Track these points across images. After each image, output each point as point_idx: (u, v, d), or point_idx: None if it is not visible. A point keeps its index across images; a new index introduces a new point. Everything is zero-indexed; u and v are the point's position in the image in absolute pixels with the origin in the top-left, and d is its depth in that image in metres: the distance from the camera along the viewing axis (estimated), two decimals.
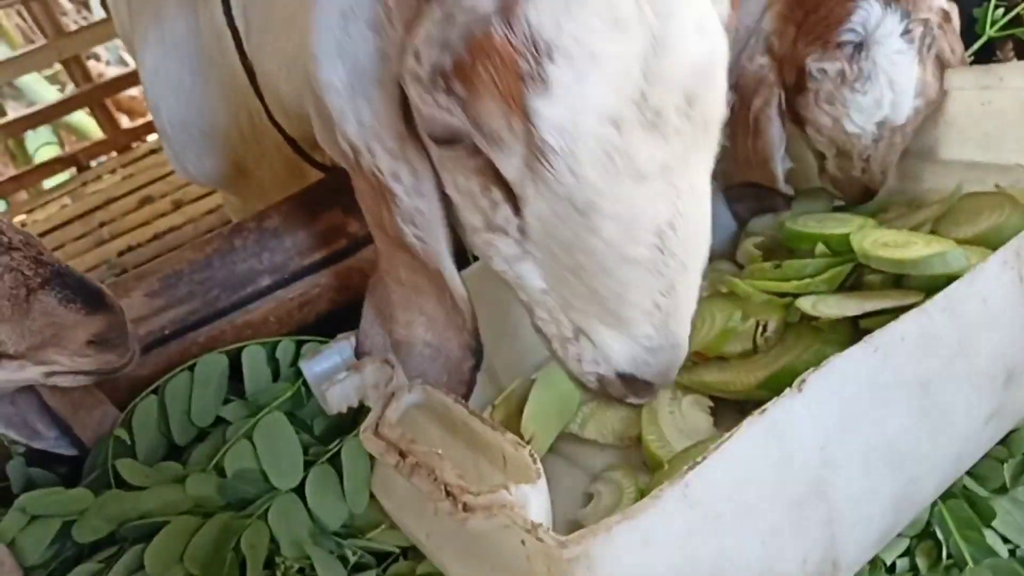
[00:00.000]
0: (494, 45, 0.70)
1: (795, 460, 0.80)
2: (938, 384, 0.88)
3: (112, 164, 3.79)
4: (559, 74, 0.69)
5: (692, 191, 0.79)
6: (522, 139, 0.74)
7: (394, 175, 0.87)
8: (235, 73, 1.37)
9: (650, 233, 0.77)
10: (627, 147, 0.73)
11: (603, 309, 0.83)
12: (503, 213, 0.83)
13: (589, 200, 0.75)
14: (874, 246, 1.22)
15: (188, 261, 1.24)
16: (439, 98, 0.75)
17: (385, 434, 0.95)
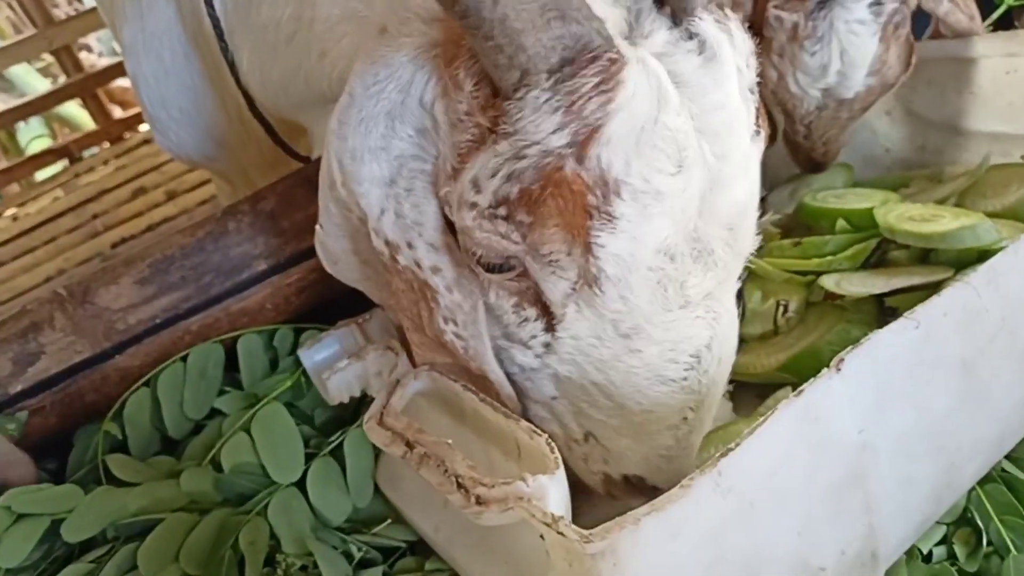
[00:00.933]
0: (565, 179, 0.72)
1: (832, 444, 0.74)
2: (980, 363, 0.83)
3: (105, 155, 3.73)
4: (625, 209, 0.72)
5: (728, 315, 0.83)
6: (577, 266, 0.76)
7: (435, 269, 0.85)
8: (216, 62, 1.32)
9: (688, 355, 0.81)
10: (678, 275, 0.77)
11: (626, 422, 0.84)
12: (530, 330, 0.84)
13: (636, 325, 0.78)
14: (899, 220, 1.16)
15: (179, 246, 1.18)
16: (499, 225, 0.76)
17: (390, 423, 0.90)
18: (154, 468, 1.12)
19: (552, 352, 0.84)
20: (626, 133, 0.71)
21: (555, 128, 0.70)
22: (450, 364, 0.92)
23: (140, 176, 3.48)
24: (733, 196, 0.78)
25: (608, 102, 0.70)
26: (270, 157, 1.47)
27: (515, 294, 0.83)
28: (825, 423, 0.73)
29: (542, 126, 0.71)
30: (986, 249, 1.08)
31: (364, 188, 0.84)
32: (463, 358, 0.88)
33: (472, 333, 0.86)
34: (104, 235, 3.19)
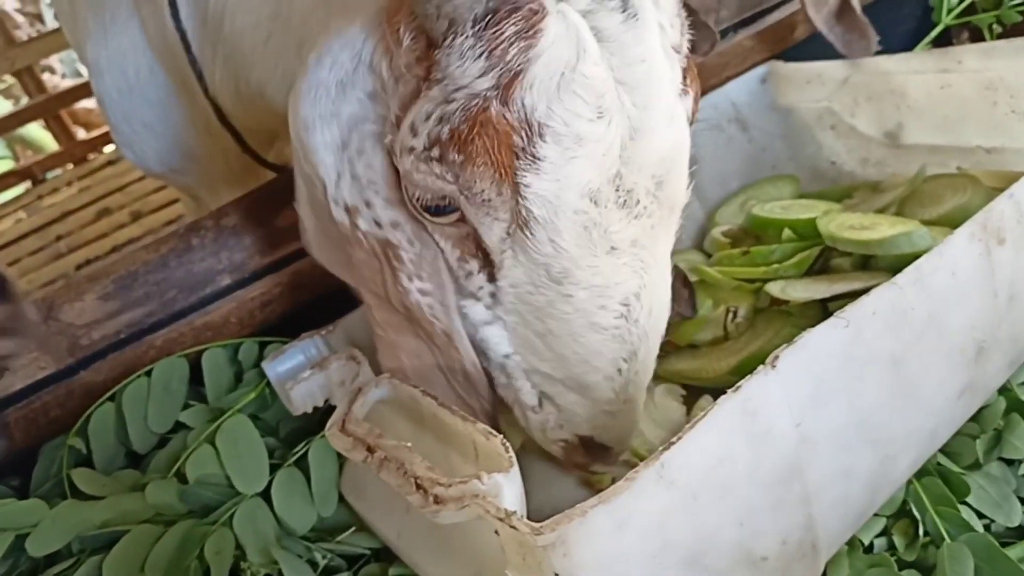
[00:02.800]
0: (490, 119, 0.76)
1: (771, 438, 0.78)
2: (910, 359, 0.87)
3: (68, 176, 3.73)
4: (548, 151, 0.77)
5: (657, 266, 0.87)
6: (508, 207, 0.81)
7: (394, 223, 0.89)
8: (183, 73, 1.34)
9: (617, 302, 0.85)
10: (603, 221, 0.81)
11: (568, 374, 0.90)
12: (477, 281, 0.88)
13: (565, 269, 0.83)
14: (840, 229, 1.21)
15: (143, 261, 1.20)
16: (434, 166, 0.80)
17: (352, 430, 0.92)
18: (119, 481, 1.13)
19: (498, 303, 0.89)
20: (547, 78, 0.75)
21: (480, 73, 0.75)
22: (414, 344, 0.95)
23: (104, 197, 3.48)
24: (655, 146, 0.81)
25: (529, 48, 0.74)
26: (238, 168, 1.49)
27: (458, 244, 0.87)
28: (763, 417, 0.77)
29: (468, 71, 0.76)
30: (921, 254, 1.13)
31: (320, 156, 0.87)
32: (428, 319, 0.91)
33: (436, 284, 0.90)
34: (68, 256, 3.18)
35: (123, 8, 1.38)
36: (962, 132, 1.38)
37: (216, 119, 1.32)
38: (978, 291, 0.91)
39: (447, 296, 0.91)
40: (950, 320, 0.89)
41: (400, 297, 0.91)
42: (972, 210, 1.20)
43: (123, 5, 1.37)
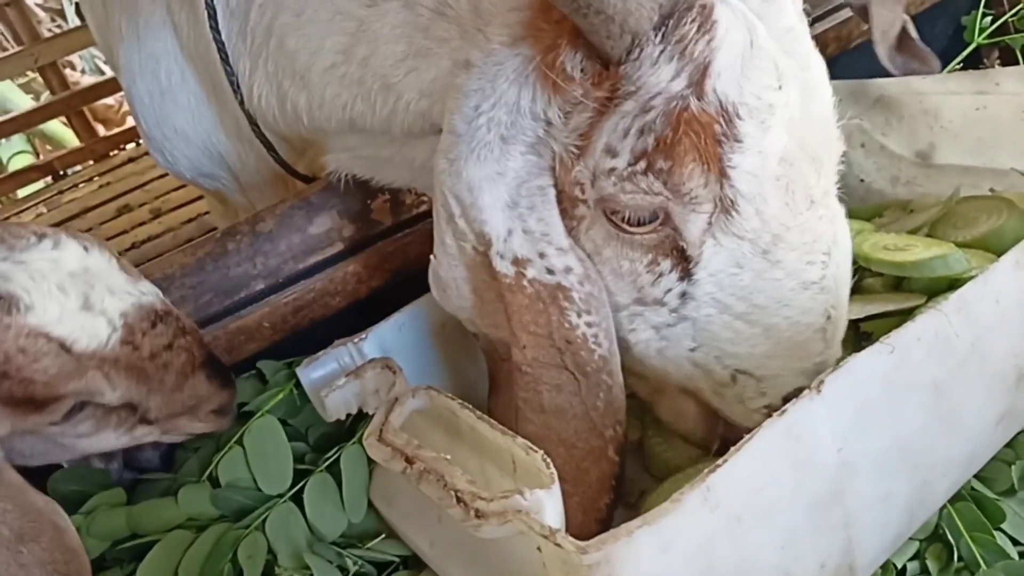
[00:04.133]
0: (693, 116, 0.81)
1: (814, 462, 0.79)
2: (952, 385, 0.87)
3: (89, 172, 3.73)
4: (747, 128, 0.82)
5: (839, 213, 0.92)
6: (713, 195, 0.84)
7: (567, 269, 0.92)
8: (216, 81, 1.35)
9: (821, 253, 0.88)
10: (801, 178, 0.85)
11: (774, 341, 0.90)
12: (666, 284, 0.91)
13: (775, 235, 0.85)
14: (874, 249, 1.21)
15: (180, 265, 1.21)
16: (641, 181, 0.84)
17: (390, 440, 0.93)
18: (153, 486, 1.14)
19: (689, 300, 0.90)
20: (732, 62, 0.81)
21: (673, 75, 0.81)
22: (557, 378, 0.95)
23: (125, 194, 3.48)
24: (820, 102, 0.87)
25: (711, 40, 0.80)
26: (268, 176, 1.50)
27: (651, 250, 0.90)
28: (807, 442, 0.78)
29: (662, 76, 0.81)
30: (956, 277, 1.14)
31: (486, 215, 0.91)
32: (589, 349, 0.93)
33: (603, 315, 0.93)
34: None
35: (157, 14, 1.39)
36: (997, 154, 1.38)
37: (250, 128, 1.33)
38: (1020, 318, 0.91)
39: (610, 323, 0.93)
40: (992, 347, 0.89)
41: (565, 333, 0.92)
42: (1007, 233, 1.21)
43: (157, 11, 1.38)
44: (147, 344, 0.98)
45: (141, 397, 1.00)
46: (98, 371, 0.94)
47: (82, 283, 0.94)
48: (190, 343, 1.03)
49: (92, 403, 0.98)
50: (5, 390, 0.89)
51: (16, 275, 0.91)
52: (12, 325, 0.89)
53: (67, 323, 0.92)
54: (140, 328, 0.98)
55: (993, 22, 1.72)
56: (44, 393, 0.92)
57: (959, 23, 1.76)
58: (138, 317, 0.98)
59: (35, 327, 0.90)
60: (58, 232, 0.97)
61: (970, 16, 1.74)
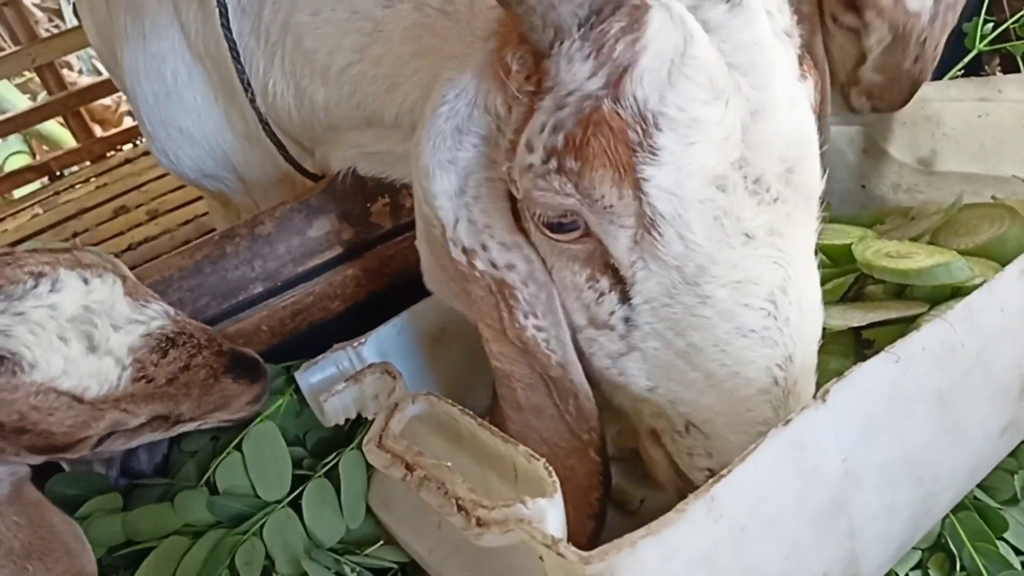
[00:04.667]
0: (604, 118, 0.76)
1: (818, 472, 0.78)
2: (956, 395, 0.87)
3: (85, 173, 3.72)
4: (665, 140, 0.76)
5: (801, 259, 0.82)
6: (632, 211, 0.79)
7: (509, 265, 0.89)
8: (226, 80, 1.34)
9: (762, 298, 0.80)
10: (733, 208, 0.78)
11: (718, 394, 0.84)
12: (608, 305, 0.86)
13: (700, 267, 0.79)
14: (876, 256, 1.21)
15: (177, 268, 1.20)
16: (552, 180, 0.80)
17: (390, 446, 0.92)
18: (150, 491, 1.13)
19: (634, 327, 0.85)
20: (657, 68, 0.75)
21: (590, 74, 0.76)
22: (528, 376, 0.94)
23: (121, 195, 3.47)
24: (779, 128, 0.79)
25: (635, 42, 0.75)
26: (274, 176, 1.50)
27: (586, 264, 0.86)
28: (811, 451, 0.77)
29: (578, 74, 0.77)
30: (959, 285, 1.13)
31: (439, 201, 0.90)
32: (544, 353, 0.90)
33: (552, 322, 0.89)
34: None
35: (164, 14, 1.38)
36: (998, 161, 1.38)
37: (258, 127, 1.32)
38: None
39: (562, 332, 0.90)
40: (997, 357, 0.89)
41: (517, 332, 0.91)
42: (1009, 241, 1.20)
43: (164, 11, 1.38)
44: (161, 373, 0.97)
45: (168, 411, 0.99)
46: (115, 410, 0.94)
47: (84, 325, 0.93)
48: (208, 358, 1.01)
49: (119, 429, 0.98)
50: (27, 441, 0.90)
51: (16, 330, 0.89)
52: (20, 385, 0.88)
53: (74, 374, 0.91)
54: (151, 360, 0.97)
55: (994, 28, 1.72)
56: (66, 440, 0.92)
57: (960, 29, 1.76)
58: (147, 349, 0.97)
59: (43, 384, 0.89)
60: (56, 266, 0.94)
61: (971, 22, 1.74)
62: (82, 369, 0.92)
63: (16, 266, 0.94)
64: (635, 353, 0.87)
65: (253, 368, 1.08)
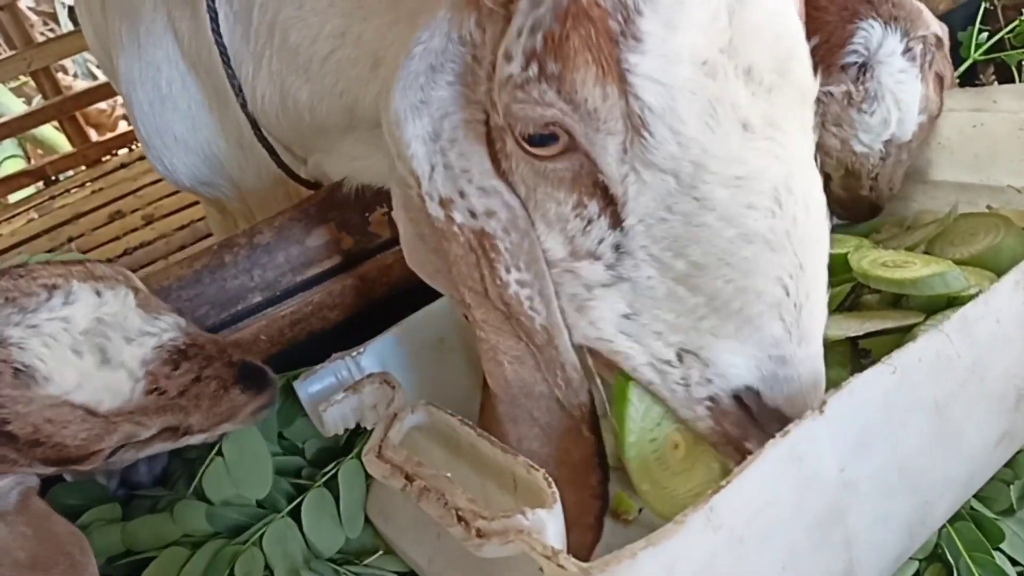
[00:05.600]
0: (583, 9, 0.71)
1: (815, 482, 0.78)
2: (952, 405, 0.87)
3: (81, 178, 3.72)
4: (649, 25, 0.71)
5: (801, 154, 0.76)
6: (620, 112, 0.73)
7: (489, 212, 0.85)
8: (219, 87, 1.34)
9: (766, 196, 0.74)
10: (726, 95, 0.72)
11: (722, 314, 0.78)
12: (597, 232, 0.81)
13: (696, 164, 0.73)
14: (873, 266, 1.21)
15: (177, 277, 1.20)
16: (533, 89, 0.74)
17: (389, 456, 0.92)
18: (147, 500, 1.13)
19: (625, 255, 0.80)
20: None
21: None
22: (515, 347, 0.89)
23: (117, 200, 3.48)
24: (766, 18, 0.74)
25: None
26: (268, 182, 1.49)
27: (572, 189, 0.80)
28: (809, 462, 0.77)
29: None
30: (955, 295, 1.14)
31: (412, 149, 0.85)
32: (527, 315, 0.86)
33: (535, 273, 0.85)
34: None
35: (159, 21, 1.38)
36: (993, 171, 1.39)
37: (252, 134, 1.32)
38: (1020, 339, 0.91)
39: (546, 286, 0.85)
40: (993, 367, 0.89)
41: (499, 291, 0.86)
42: (1004, 251, 1.21)
43: (159, 19, 1.38)
44: (173, 386, 0.97)
45: (179, 422, 0.99)
46: (128, 423, 0.94)
47: (97, 338, 0.93)
48: (219, 369, 1.01)
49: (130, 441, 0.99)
50: (40, 454, 0.90)
51: (31, 342, 0.89)
52: (35, 398, 0.88)
53: (87, 387, 0.91)
54: (163, 373, 0.96)
55: (989, 38, 1.73)
56: (79, 453, 0.91)
57: (955, 39, 1.77)
58: (160, 361, 0.96)
59: (57, 397, 0.89)
60: (69, 279, 0.95)
61: (966, 32, 1.75)
62: (96, 382, 0.92)
63: (29, 278, 0.94)
64: (622, 284, 0.81)
65: (261, 378, 1.08)
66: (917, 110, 1.30)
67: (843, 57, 1.26)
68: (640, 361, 0.84)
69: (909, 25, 1.27)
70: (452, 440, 0.96)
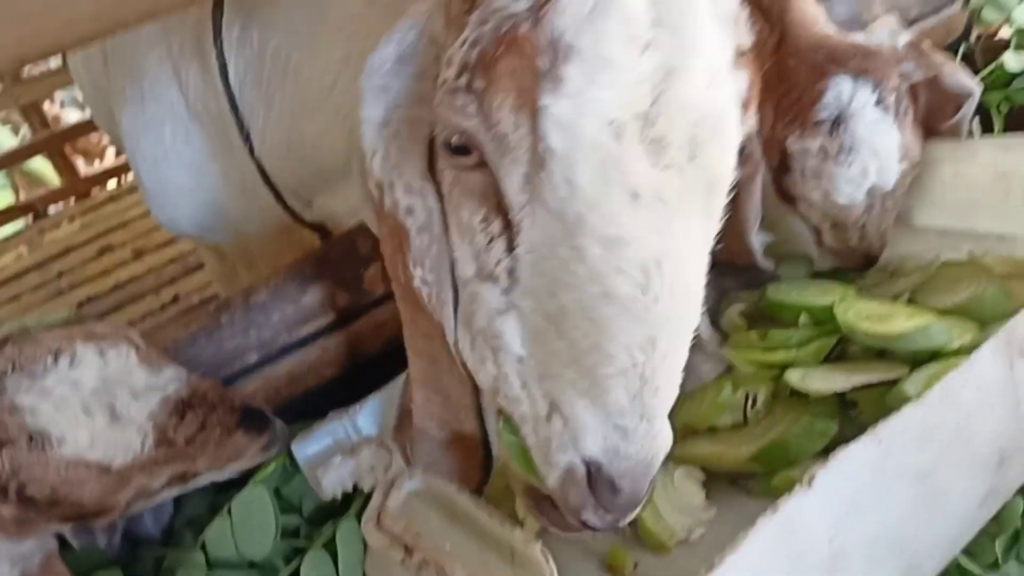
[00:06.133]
0: (517, 40, 0.75)
1: (808, 554, 0.81)
2: (937, 471, 0.90)
3: (70, 212, 3.72)
4: (571, 72, 0.74)
5: (686, 239, 0.79)
6: (527, 145, 0.77)
7: (408, 209, 0.90)
8: (225, 136, 1.36)
9: (635, 266, 0.77)
10: (623, 159, 0.75)
11: (579, 367, 0.80)
12: (497, 252, 0.84)
13: (579, 215, 0.76)
14: (858, 318, 1.24)
15: (173, 339, 1.22)
16: (459, 98, 0.78)
17: (388, 526, 0.94)
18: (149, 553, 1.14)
19: (516, 281, 0.83)
20: (582, 2, 0.74)
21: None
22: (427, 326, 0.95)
23: (106, 233, 3.48)
24: (692, 96, 0.77)
25: None
26: (272, 227, 1.51)
27: (482, 202, 0.83)
28: (800, 535, 0.80)
29: None
30: (938, 349, 1.17)
31: (364, 127, 0.90)
32: (428, 305, 0.92)
33: (436, 279, 0.90)
34: (70, 294, 3.18)
35: (163, 74, 1.40)
36: (974, 218, 1.42)
37: (258, 178, 1.34)
38: (1001, 403, 0.94)
39: (444, 292, 0.90)
40: (976, 432, 0.92)
41: (407, 279, 0.93)
42: (986, 301, 1.24)
43: (164, 71, 1.40)
44: (180, 435, 1.01)
45: (187, 468, 1.03)
46: (141, 475, 0.97)
47: (105, 397, 0.96)
48: (222, 415, 1.05)
49: None
50: (59, 514, 0.94)
51: (42, 407, 0.93)
52: (50, 460, 0.92)
53: (100, 445, 0.95)
54: (170, 424, 1.00)
55: None
56: (96, 509, 0.95)
57: None
58: (166, 413, 1.00)
59: (72, 457, 0.92)
60: (73, 341, 0.98)
61: None
62: (107, 440, 0.96)
63: (35, 344, 0.97)
64: (513, 312, 0.84)
65: (261, 422, 1.11)
66: (897, 158, 1.33)
67: (816, 114, 1.29)
68: (525, 414, 0.87)
69: (880, 76, 1.30)
70: (450, 507, 0.97)
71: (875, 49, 1.35)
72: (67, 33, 0.93)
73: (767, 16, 1.41)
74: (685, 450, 1.26)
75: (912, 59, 1.40)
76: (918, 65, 1.40)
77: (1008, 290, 1.24)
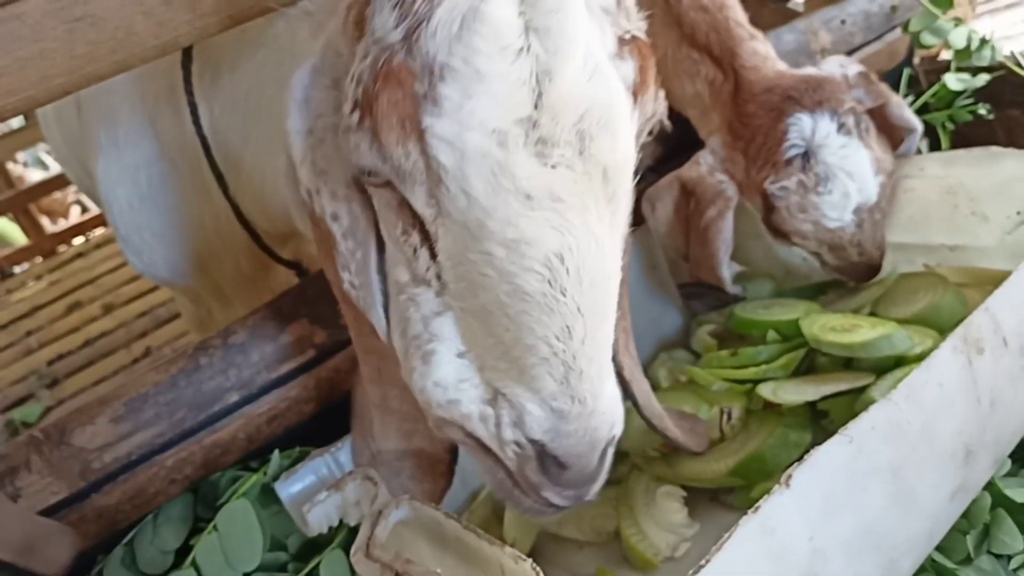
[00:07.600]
0: (392, 71, 0.77)
1: (788, 553, 0.83)
2: (906, 468, 0.93)
3: (37, 270, 3.69)
4: (448, 91, 0.76)
5: (587, 231, 0.80)
6: (422, 166, 0.79)
7: (334, 216, 0.93)
8: (200, 181, 1.38)
9: (539, 263, 0.79)
10: (511, 165, 0.77)
11: (509, 359, 0.84)
12: (423, 260, 0.86)
13: (479, 222, 0.79)
14: (823, 331, 1.29)
15: (153, 383, 1.22)
16: (352, 137, 0.81)
17: (377, 555, 0.95)
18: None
19: (444, 285, 0.86)
20: (449, 21, 0.76)
21: (394, 24, 0.78)
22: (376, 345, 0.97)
23: (75, 290, 3.45)
24: (573, 94, 0.78)
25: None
26: (248, 268, 1.52)
27: (399, 216, 0.86)
28: (780, 535, 0.82)
29: (386, 24, 0.78)
30: (901, 355, 1.22)
31: (291, 138, 0.93)
32: (358, 307, 0.95)
33: (362, 282, 0.94)
34: (39, 352, 3.14)
35: (137, 121, 1.42)
36: (927, 231, 1.48)
37: (234, 219, 1.36)
38: (963, 399, 0.98)
39: (370, 296, 0.93)
40: (940, 428, 0.95)
41: (338, 282, 0.96)
42: (943, 308, 1.29)
43: (138, 118, 1.42)
44: None
45: None
46: None
47: None
48: None
49: None
50: None
51: None
52: None
53: None
54: None
55: (914, 101, 1.85)
56: None
57: None
58: None
59: None
60: None
61: None
62: None
63: None
64: (448, 313, 0.87)
65: None
66: (872, 172, 1.39)
67: (784, 153, 1.36)
68: (472, 400, 0.88)
69: (834, 104, 1.37)
70: (438, 533, 0.98)
71: (826, 77, 1.41)
72: (41, 89, 0.95)
73: (719, 64, 1.49)
74: (665, 469, 1.29)
75: (862, 86, 1.47)
76: (867, 92, 1.48)
77: (963, 297, 1.30)
